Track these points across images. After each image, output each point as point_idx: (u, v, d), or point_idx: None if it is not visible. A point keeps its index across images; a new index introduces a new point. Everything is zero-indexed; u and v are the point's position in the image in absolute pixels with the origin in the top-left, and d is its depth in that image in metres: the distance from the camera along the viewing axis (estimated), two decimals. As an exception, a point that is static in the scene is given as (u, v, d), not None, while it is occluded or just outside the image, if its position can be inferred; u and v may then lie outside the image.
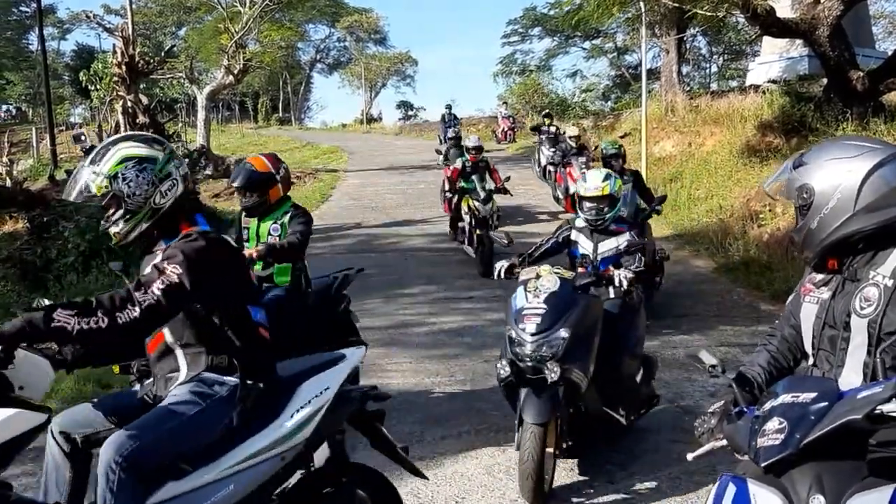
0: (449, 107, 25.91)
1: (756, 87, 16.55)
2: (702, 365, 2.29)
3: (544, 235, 5.44)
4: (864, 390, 1.79)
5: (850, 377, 2.06)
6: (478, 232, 9.50)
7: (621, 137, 18.35)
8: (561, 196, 12.47)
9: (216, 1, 22.48)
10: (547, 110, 20.16)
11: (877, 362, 1.98)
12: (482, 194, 9.86)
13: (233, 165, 17.20)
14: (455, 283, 9.05)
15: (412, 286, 8.96)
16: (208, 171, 16.94)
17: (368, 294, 8.49)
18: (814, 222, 2.08)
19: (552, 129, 16.20)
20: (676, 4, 13.55)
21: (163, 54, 17.99)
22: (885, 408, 1.68)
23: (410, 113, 50.88)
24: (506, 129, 26.44)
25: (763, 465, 1.82)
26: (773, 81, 16.34)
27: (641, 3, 15.18)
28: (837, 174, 2.05)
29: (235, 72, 19.84)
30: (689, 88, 24.66)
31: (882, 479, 1.77)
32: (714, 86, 32.47)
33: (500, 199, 10.46)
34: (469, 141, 10.85)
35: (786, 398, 1.90)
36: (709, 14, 14.16)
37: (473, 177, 10.12)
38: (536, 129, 16.81)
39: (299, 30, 41.15)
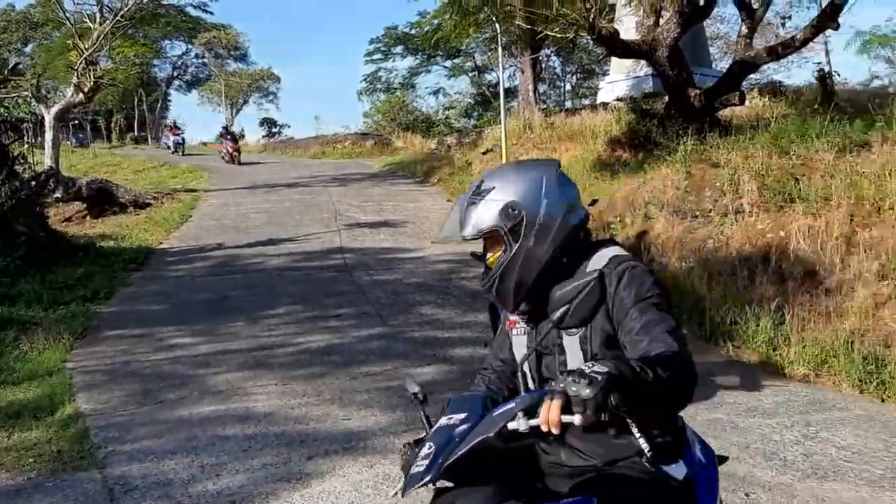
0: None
1: (606, 105, 17.52)
2: (407, 393, 2.19)
3: None
4: (500, 408, 1.75)
5: None
6: None
7: (483, 154, 18.92)
8: None
9: (64, 17, 21.21)
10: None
11: None
12: None
13: (84, 187, 16.27)
14: (323, 301, 8.96)
15: (278, 306, 8.79)
16: (58, 194, 15.90)
17: (232, 317, 8.29)
18: (531, 238, 2.01)
19: None
20: (529, 26, 14.11)
21: (7, 72, 16.76)
22: (511, 425, 1.65)
23: (274, 130, 50.14)
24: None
25: (403, 494, 1.75)
26: (621, 99, 17.35)
27: (496, 24, 15.75)
28: (534, 182, 2.04)
29: (86, 90, 18.81)
30: (545, 106, 25.78)
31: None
32: (568, 104, 34.02)
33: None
34: None
35: (442, 421, 1.84)
36: (559, 35, 14.83)
37: None
38: None
39: (154, 46, 39.84)
